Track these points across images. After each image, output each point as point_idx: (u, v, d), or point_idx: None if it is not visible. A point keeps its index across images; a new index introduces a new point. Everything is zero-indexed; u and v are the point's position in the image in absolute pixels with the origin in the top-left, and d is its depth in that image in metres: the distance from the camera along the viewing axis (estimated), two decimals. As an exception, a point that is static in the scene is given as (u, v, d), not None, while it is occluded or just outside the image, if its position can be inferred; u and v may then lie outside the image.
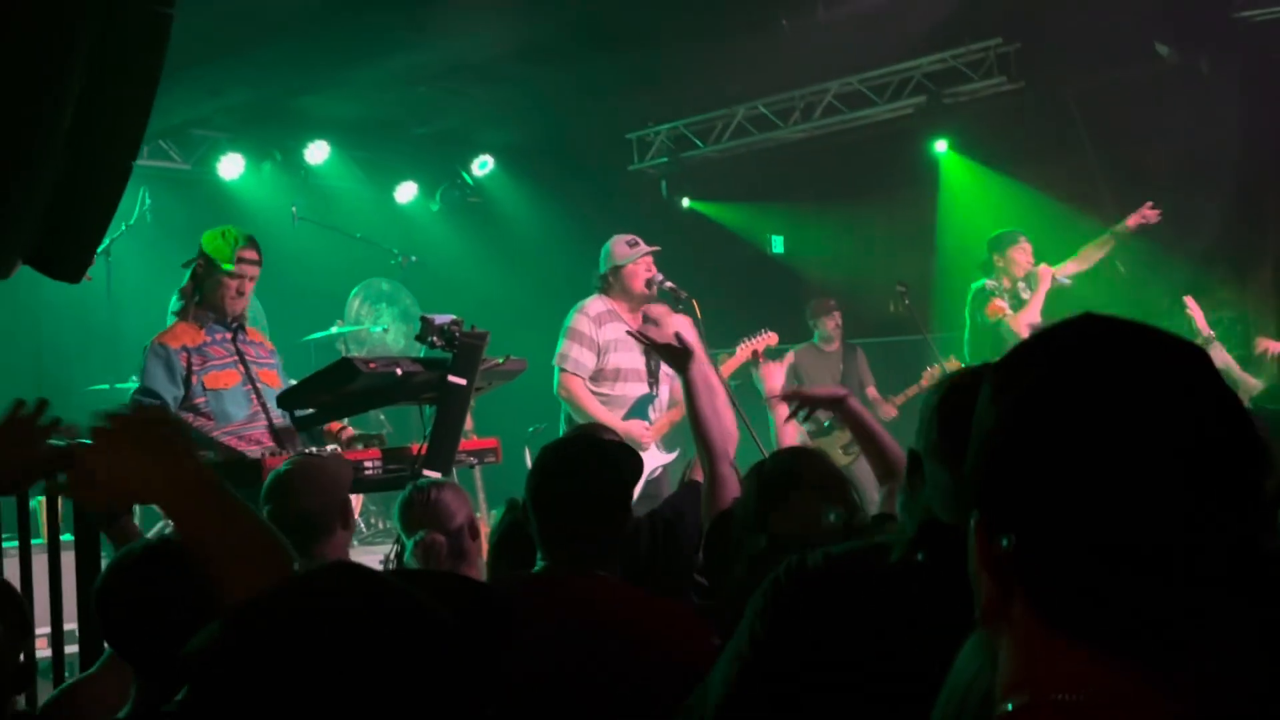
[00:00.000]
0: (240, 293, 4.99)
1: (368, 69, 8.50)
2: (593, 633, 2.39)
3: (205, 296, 4.98)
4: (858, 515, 2.84)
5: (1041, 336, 1.04)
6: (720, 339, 6.86)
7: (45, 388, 8.64)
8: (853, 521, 2.80)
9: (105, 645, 3.12)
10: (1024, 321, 7.18)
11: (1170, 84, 8.28)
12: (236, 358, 4.95)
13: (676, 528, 3.40)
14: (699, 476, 3.66)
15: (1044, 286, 7.35)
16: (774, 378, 4.38)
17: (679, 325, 3.98)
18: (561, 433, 6.21)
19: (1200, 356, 0.98)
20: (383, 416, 8.20)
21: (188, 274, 5.08)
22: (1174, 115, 8.30)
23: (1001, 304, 7.32)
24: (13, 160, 3.22)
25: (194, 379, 4.84)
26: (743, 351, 6.33)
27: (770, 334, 6.43)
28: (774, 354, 6.50)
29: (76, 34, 3.25)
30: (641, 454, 3.80)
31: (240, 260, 4.98)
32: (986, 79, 8.83)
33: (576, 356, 5.91)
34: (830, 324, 8.77)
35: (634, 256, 6.05)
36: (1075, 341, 1.01)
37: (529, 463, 8.07)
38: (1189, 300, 6.48)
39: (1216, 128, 8.08)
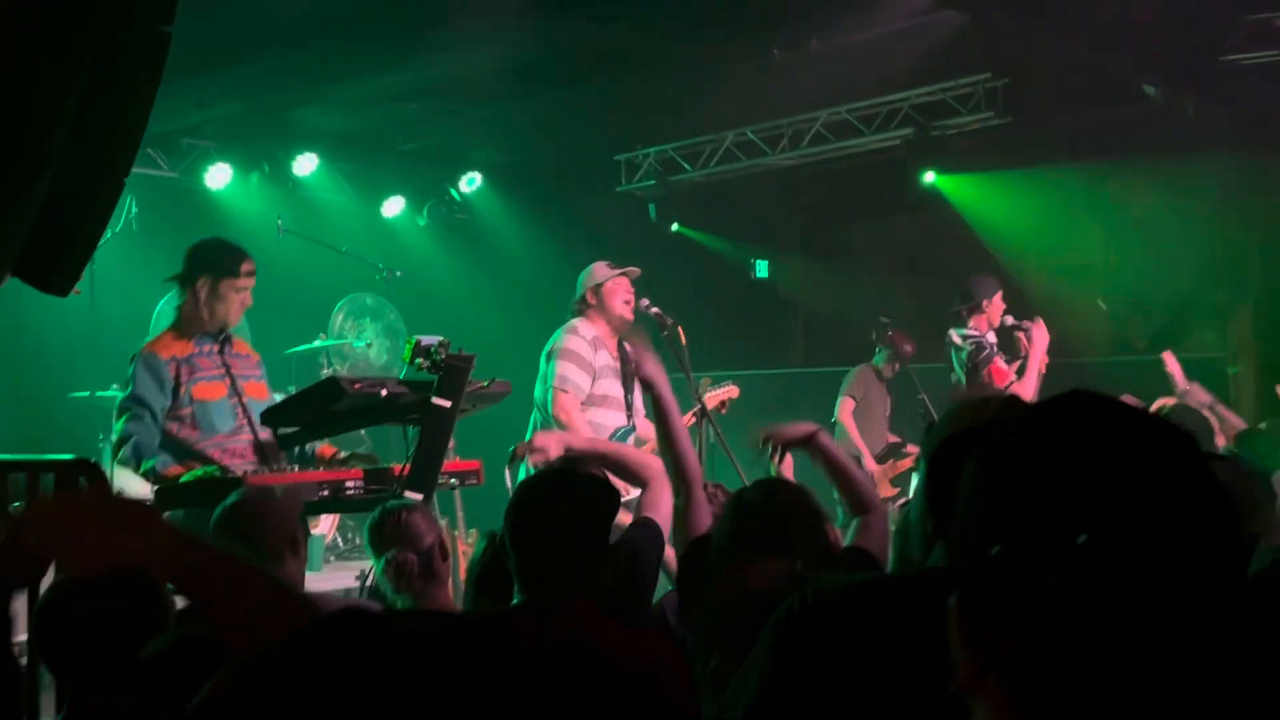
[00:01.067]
0: (245, 305, 4.98)
1: (359, 84, 8.51)
2: (574, 664, 2.38)
3: (209, 308, 4.94)
4: (826, 549, 2.85)
5: (1028, 412, 1.06)
6: (703, 363, 6.88)
7: (26, 395, 8.64)
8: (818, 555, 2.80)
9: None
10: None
11: (1156, 124, 8.35)
12: (224, 370, 4.93)
13: (636, 563, 3.39)
14: (648, 512, 3.65)
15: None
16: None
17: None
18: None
19: (1183, 438, 0.99)
20: (363, 433, 8.18)
21: (177, 288, 5.04)
22: (1159, 153, 8.38)
23: (1003, 369, 7.23)
24: (8, 176, 3.21)
25: (182, 390, 4.81)
26: (708, 403, 6.15)
27: (732, 386, 6.36)
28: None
29: (78, 50, 3.24)
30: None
31: (245, 273, 4.96)
32: (974, 113, 8.87)
33: (575, 379, 5.86)
34: (909, 349, 8.43)
35: (615, 275, 6.05)
36: (1053, 418, 1.03)
37: (509, 483, 8.05)
38: (1167, 356, 6.50)
39: (1199, 166, 8.16)
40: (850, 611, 1.88)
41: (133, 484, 5.00)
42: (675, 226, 10.87)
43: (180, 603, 2.40)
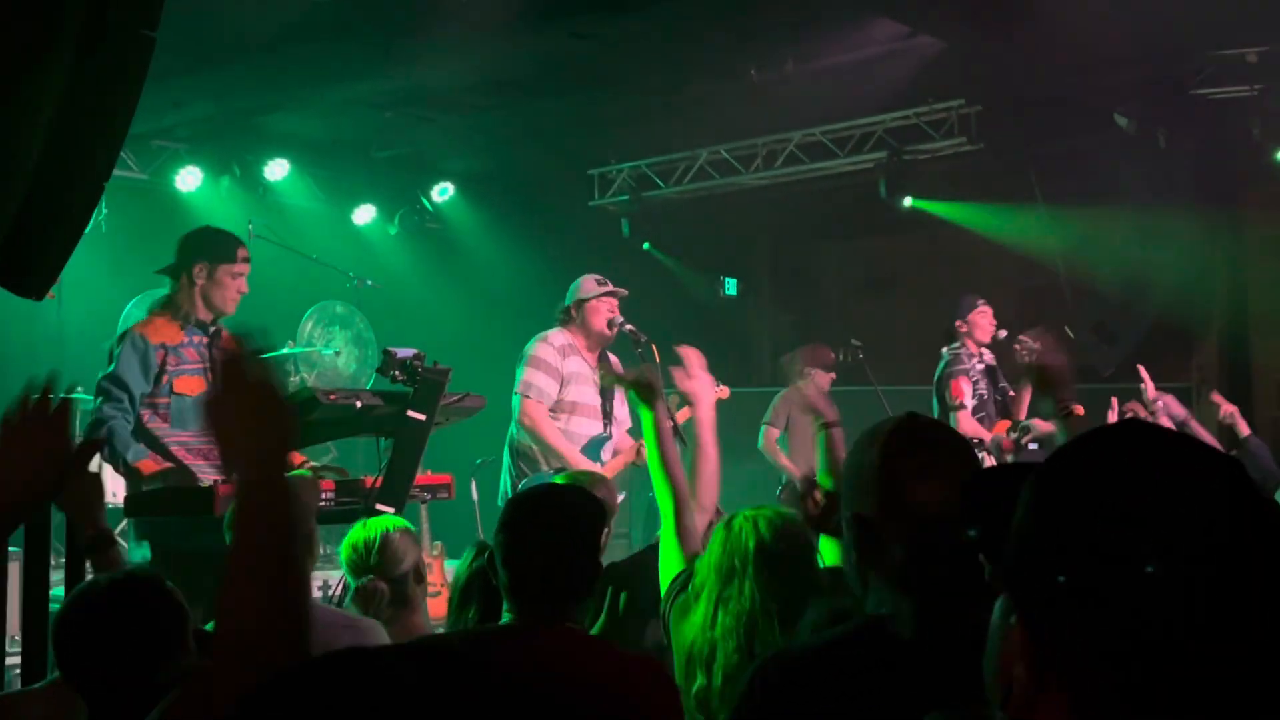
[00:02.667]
0: (239, 292, 4.90)
1: (334, 90, 8.47)
2: (563, 687, 2.38)
3: (204, 296, 4.86)
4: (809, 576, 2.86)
5: (1082, 440, 1.07)
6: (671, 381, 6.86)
7: (-15, 393, 8.53)
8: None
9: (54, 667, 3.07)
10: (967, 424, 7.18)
11: (1127, 153, 8.43)
12: (207, 365, 4.85)
13: (638, 592, 3.38)
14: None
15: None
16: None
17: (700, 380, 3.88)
18: (505, 470, 6.17)
19: (1235, 466, 1.01)
20: (330, 444, 8.13)
21: (168, 282, 4.96)
22: (1129, 184, 8.47)
23: (963, 388, 7.31)
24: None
25: (165, 378, 4.74)
26: (679, 418, 6.17)
27: (722, 388, 6.36)
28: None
29: (57, 54, 3.21)
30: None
31: (242, 259, 4.91)
32: (947, 138, 8.94)
33: (540, 385, 5.87)
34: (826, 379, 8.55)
35: (599, 293, 6.04)
36: (1111, 447, 1.05)
37: (475, 495, 8.03)
38: (1140, 368, 6.55)
39: (1170, 197, 8.25)
40: (810, 675, 1.91)
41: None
42: (646, 245, 10.87)
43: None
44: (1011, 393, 7.52)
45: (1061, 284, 9.05)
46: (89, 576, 2.96)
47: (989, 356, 7.59)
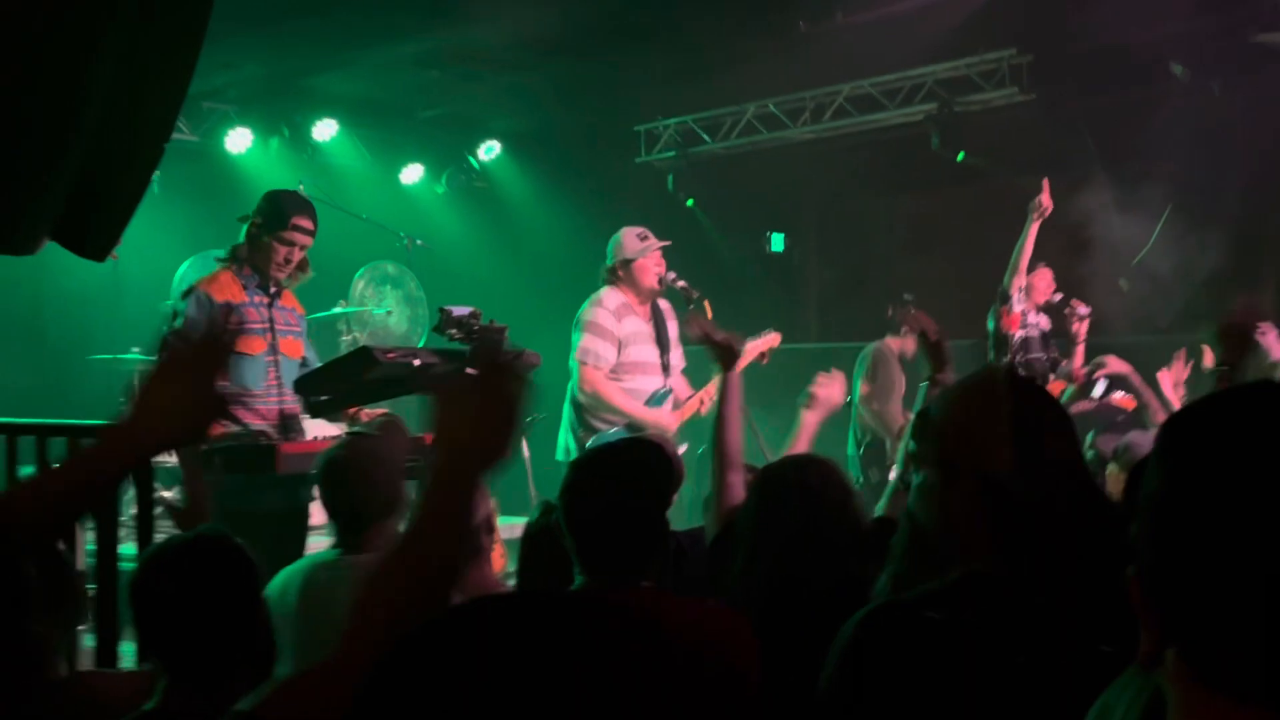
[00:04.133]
0: (287, 260, 4.86)
1: (381, 50, 8.48)
2: (643, 647, 2.38)
3: (254, 257, 4.89)
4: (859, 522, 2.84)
5: (1214, 399, 1.05)
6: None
7: (46, 357, 8.65)
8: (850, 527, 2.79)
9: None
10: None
11: (1182, 104, 8.29)
12: (267, 325, 4.87)
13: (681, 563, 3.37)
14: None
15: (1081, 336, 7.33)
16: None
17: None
18: (566, 426, 6.18)
19: None
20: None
21: (243, 229, 4.97)
22: (1184, 135, 8.33)
23: (1016, 314, 7.32)
24: (47, 141, 3.20)
25: None
26: (748, 352, 6.24)
27: (774, 334, 6.34)
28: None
29: (119, 17, 3.23)
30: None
31: (294, 228, 4.87)
32: (999, 89, 8.84)
33: (599, 350, 5.85)
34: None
35: (644, 251, 5.98)
36: (1249, 407, 1.02)
37: (526, 452, 8.06)
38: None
39: (1225, 149, 8.11)
40: (905, 632, 1.83)
41: None
42: (689, 203, 10.83)
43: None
44: (1064, 361, 7.46)
45: (1115, 236, 8.94)
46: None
47: (1044, 322, 7.53)
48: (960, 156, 9.42)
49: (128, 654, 3.09)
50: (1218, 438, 1.00)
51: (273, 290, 4.92)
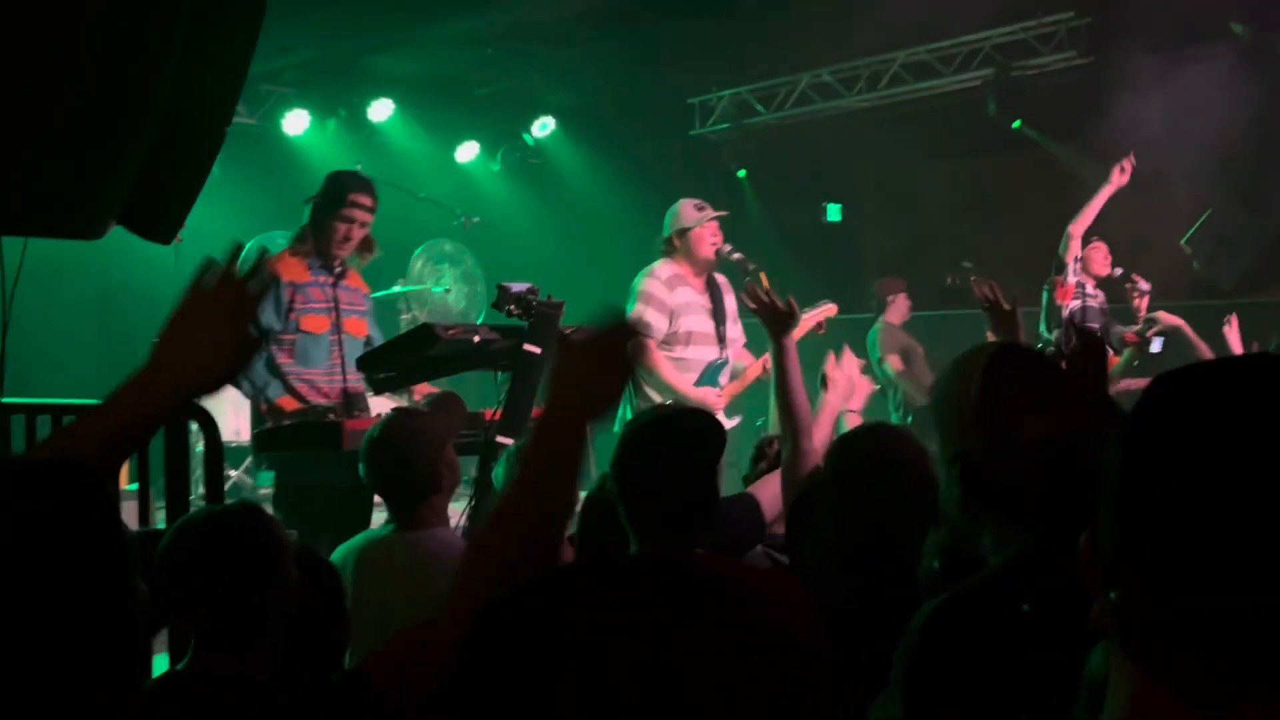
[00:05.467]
0: (347, 238, 4.91)
1: (435, 27, 8.52)
2: (704, 614, 2.40)
3: (317, 236, 4.94)
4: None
5: (1175, 375, 0.99)
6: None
7: (110, 339, 8.80)
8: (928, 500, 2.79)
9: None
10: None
11: (1244, 62, 8.15)
12: (331, 305, 4.94)
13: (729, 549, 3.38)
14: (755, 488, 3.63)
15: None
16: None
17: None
18: (627, 394, 6.21)
19: None
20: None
21: (306, 210, 5.02)
22: (1247, 94, 8.18)
23: (1069, 286, 7.25)
24: (120, 128, 3.26)
25: (292, 315, 4.83)
26: (804, 323, 6.22)
27: (830, 305, 6.30)
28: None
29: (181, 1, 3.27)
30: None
31: (352, 204, 4.93)
32: (1057, 53, 8.74)
33: (651, 320, 5.87)
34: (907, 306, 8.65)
35: (701, 220, 5.97)
36: (1211, 382, 0.96)
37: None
38: None
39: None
40: (972, 635, 1.82)
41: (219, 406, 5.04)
42: (741, 174, 10.81)
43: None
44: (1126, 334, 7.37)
45: (1176, 200, 8.81)
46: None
47: (1101, 298, 7.45)
48: (1017, 124, 9.34)
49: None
50: (1175, 418, 0.95)
51: (337, 270, 4.97)
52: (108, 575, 1.38)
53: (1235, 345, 6.29)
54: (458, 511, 4.33)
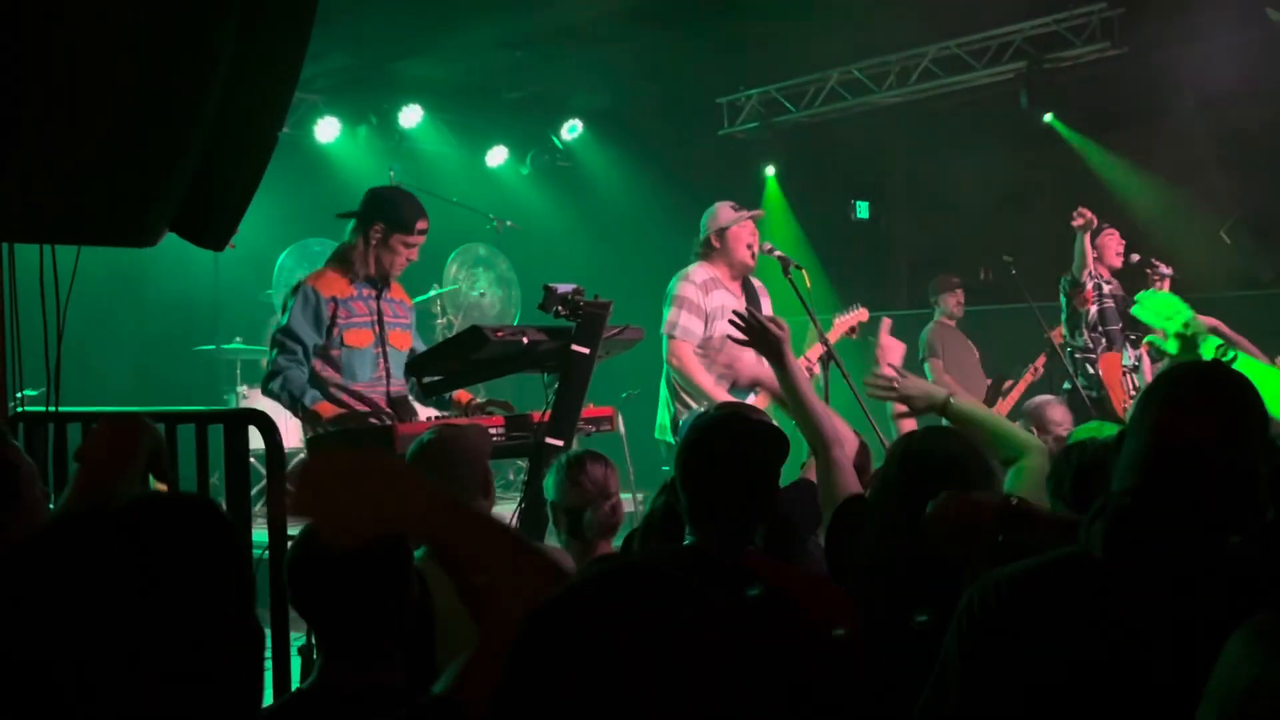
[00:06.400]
0: (408, 261, 4.97)
1: (462, 33, 8.53)
2: (752, 610, 2.40)
3: (375, 257, 4.91)
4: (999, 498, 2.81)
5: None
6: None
7: (149, 348, 8.83)
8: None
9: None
10: None
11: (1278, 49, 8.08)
12: (375, 318, 4.94)
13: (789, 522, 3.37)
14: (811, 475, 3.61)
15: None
16: (894, 353, 4.27)
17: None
18: (663, 403, 6.20)
19: None
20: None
21: (349, 225, 5.01)
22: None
23: (1089, 296, 7.20)
24: (171, 136, 3.26)
25: (335, 330, 4.83)
26: (837, 328, 6.18)
27: (861, 310, 6.29)
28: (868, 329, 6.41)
29: (230, 7, 3.27)
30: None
31: (419, 231, 4.93)
32: (1089, 44, 8.68)
33: (685, 324, 5.85)
34: (953, 301, 8.62)
35: (739, 219, 5.97)
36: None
37: (621, 430, 8.08)
38: None
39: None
40: (1030, 601, 1.93)
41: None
42: (768, 177, 10.79)
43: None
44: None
45: (1213, 189, 8.75)
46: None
47: (1117, 286, 7.38)
48: (1050, 118, 9.29)
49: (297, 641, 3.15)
50: None
51: (381, 284, 4.97)
52: (237, 610, 1.40)
53: None
54: (507, 514, 4.32)
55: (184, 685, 1.31)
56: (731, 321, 3.68)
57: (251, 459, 5.13)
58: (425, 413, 5.01)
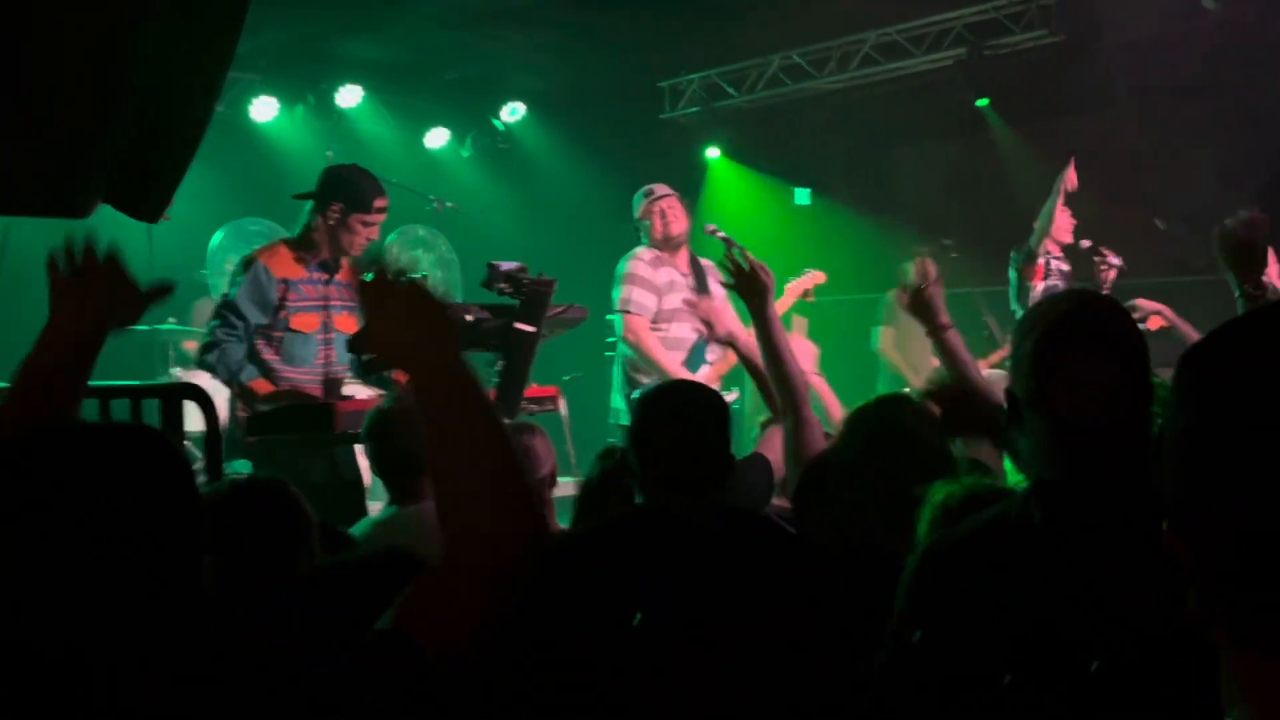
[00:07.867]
0: (369, 239, 4.86)
1: (402, 10, 8.43)
2: (703, 555, 2.41)
3: (332, 237, 4.83)
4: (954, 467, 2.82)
5: (1233, 327, 0.90)
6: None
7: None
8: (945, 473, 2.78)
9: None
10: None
11: (1216, 38, 8.17)
12: (323, 302, 4.86)
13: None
14: (763, 448, 3.63)
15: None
16: (807, 358, 4.35)
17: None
18: (616, 388, 6.18)
19: None
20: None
21: (306, 207, 4.92)
22: (1219, 70, 8.21)
23: (1039, 269, 7.24)
24: (99, 104, 3.20)
25: (282, 313, 4.74)
26: (790, 292, 6.22)
27: (817, 272, 6.31)
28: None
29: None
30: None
31: (377, 210, 4.85)
32: (1028, 31, 8.74)
33: (639, 299, 5.88)
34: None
35: (646, 205, 6.06)
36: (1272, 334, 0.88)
37: (564, 411, 8.04)
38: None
39: (1261, 84, 7.99)
40: (971, 565, 1.94)
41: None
42: (716, 153, 10.78)
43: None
44: None
45: (1147, 177, 8.85)
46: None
47: (1065, 264, 7.43)
48: (983, 102, 9.35)
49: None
50: (1248, 368, 0.86)
51: (333, 266, 4.89)
52: (184, 539, 1.38)
53: None
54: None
55: (117, 614, 1.28)
56: (721, 263, 3.76)
57: (187, 442, 5.08)
58: (366, 393, 4.96)
